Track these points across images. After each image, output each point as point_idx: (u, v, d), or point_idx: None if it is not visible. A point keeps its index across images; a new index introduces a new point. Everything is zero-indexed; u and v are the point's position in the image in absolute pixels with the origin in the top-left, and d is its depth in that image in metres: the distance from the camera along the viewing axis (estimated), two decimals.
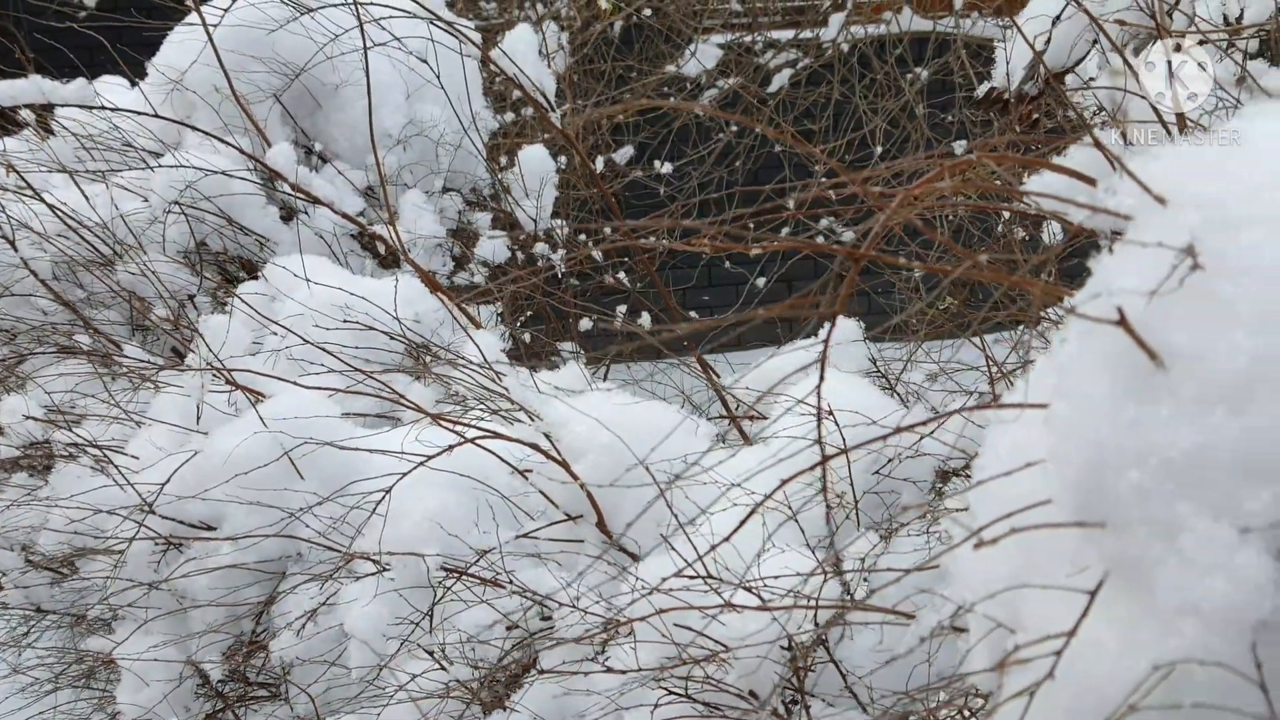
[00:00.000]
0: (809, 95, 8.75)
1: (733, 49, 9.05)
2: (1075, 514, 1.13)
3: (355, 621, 2.50)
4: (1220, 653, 1.03)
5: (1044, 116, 2.60)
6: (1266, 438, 1.03)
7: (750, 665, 2.00)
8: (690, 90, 9.07)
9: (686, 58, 8.94)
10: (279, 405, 2.97)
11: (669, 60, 9.04)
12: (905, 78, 8.55)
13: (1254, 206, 1.11)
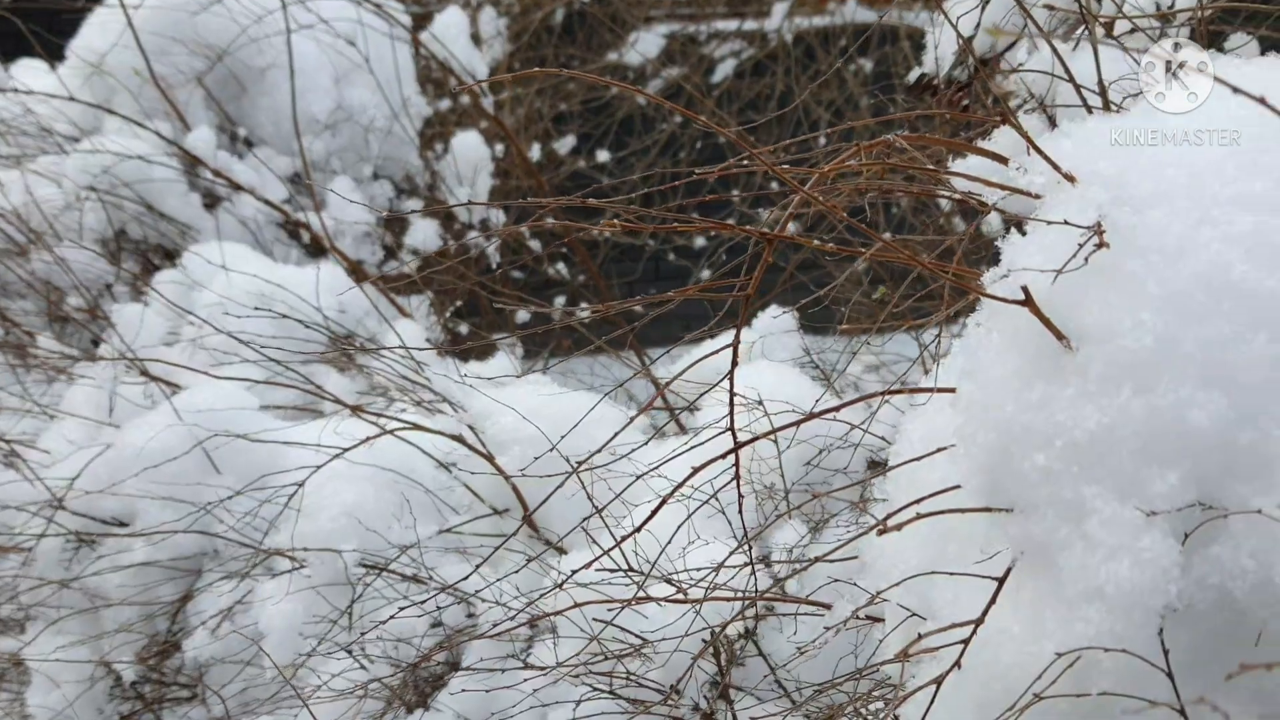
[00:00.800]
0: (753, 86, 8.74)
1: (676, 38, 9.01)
2: (983, 498, 1.10)
3: (270, 620, 2.42)
4: (1126, 639, 1.00)
5: (974, 102, 2.58)
6: (1172, 418, 1.01)
7: (673, 659, 1.96)
8: (633, 79, 9.02)
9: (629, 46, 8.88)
10: (195, 397, 2.88)
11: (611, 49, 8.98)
12: (849, 68, 8.57)
13: (1158, 183, 1.09)
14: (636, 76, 9.56)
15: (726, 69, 9.40)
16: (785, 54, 9.32)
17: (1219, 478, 1.02)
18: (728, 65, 9.45)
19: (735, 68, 9.48)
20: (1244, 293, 1.03)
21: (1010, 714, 1.04)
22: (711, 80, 9.43)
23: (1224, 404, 1.01)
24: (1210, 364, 1.02)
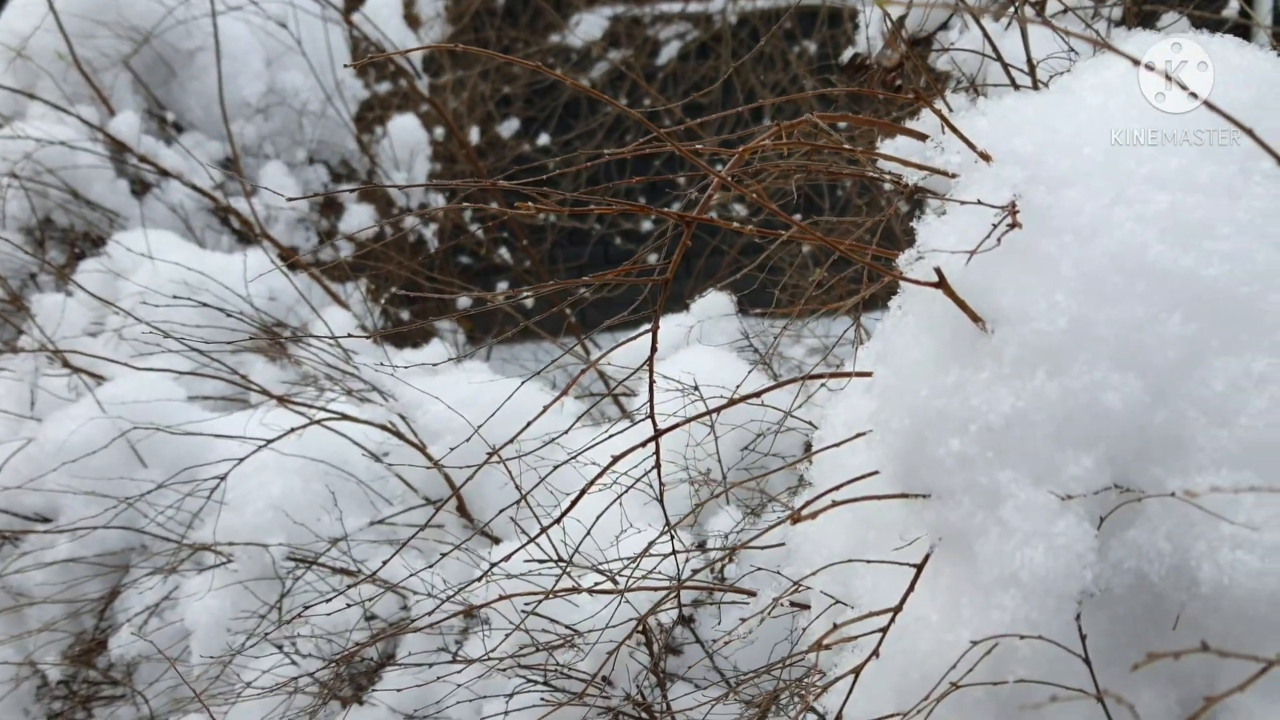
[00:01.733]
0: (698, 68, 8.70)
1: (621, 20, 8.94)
2: (900, 485, 1.08)
3: (196, 616, 2.36)
4: (1042, 626, 0.99)
5: (906, 82, 2.57)
6: (1086, 400, 1.00)
7: (604, 649, 1.94)
8: (577, 62, 8.95)
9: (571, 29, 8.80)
10: (119, 389, 2.80)
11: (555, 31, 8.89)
12: (793, 50, 8.56)
13: (1074, 161, 1.07)
14: (580, 59, 9.49)
15: (671, 51, 9.36)
16: (730, 36, 9.29)
17: (1134, 460, 1.01)
18: (672, 48, 9.41)
19: (680, 50, 9.43)
20: (1158, 273, 1.02)
21: (926, 703, 1.02)
22: (656, 63, 9.38)
23: (1138, 386, 1.00)
24: (1124, 345, 1.00)
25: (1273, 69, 1.15)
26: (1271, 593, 0.95)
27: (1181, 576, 0.99)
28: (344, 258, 3.99)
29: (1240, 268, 1.01)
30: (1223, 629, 0.98)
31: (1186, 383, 1.00)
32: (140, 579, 2.58)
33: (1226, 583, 0.96)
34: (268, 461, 2.46)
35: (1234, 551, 0.96)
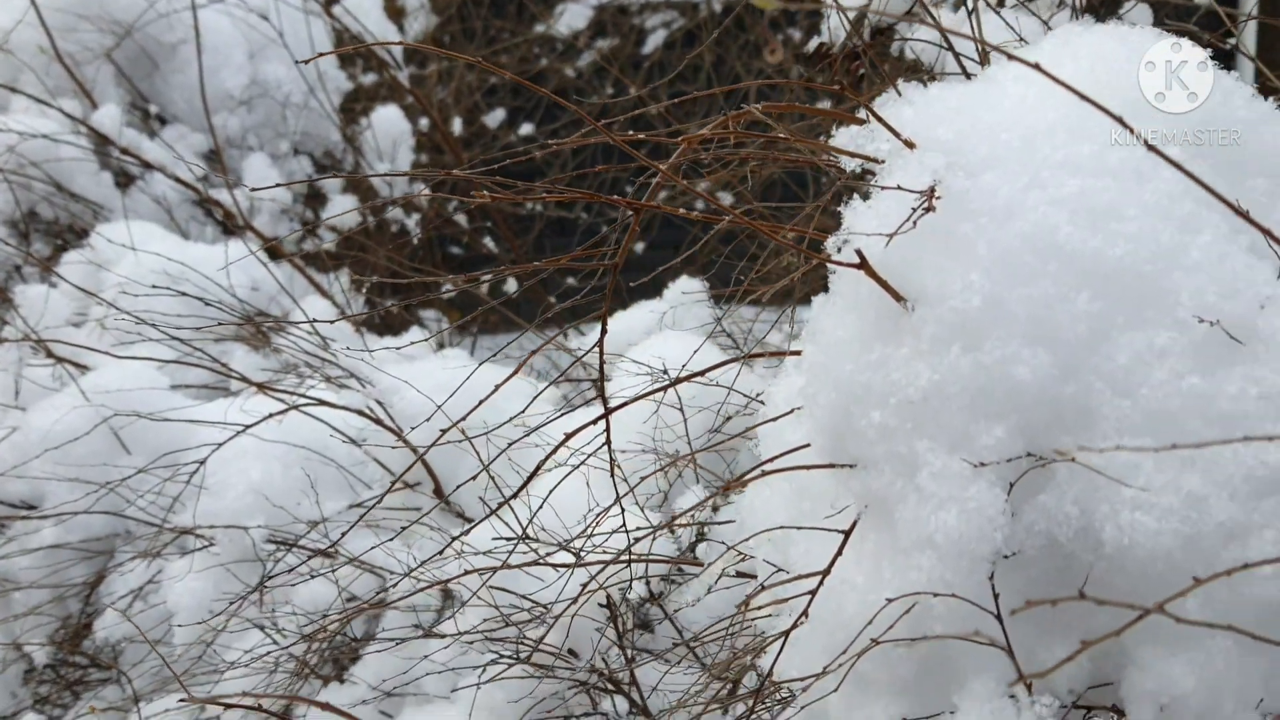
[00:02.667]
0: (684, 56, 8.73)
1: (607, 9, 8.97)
2: (828, 456, 1.15)
3: (179, 598, 2.42)
4: (956, 585, 1.05)
5: (869, 71, 2.62)
6: (998, 374, 1.06)
7: (574, 624, 2.00)
8: (562, 51, 8.98)
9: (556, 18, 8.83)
10: (103, 378, 2.85)
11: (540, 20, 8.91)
12: (777, 37, 8.60)
13: (993, 147, 1.13)
14: (566, 48, 9.52)
15: (657, 40, 9.39)
16: (715, 24, 9.32)
17: (1045, 430, 1.07)
18: (658, 36, 9.44)
19: (665, 38, 9.46)
20: (1068, 253, 1.08)
21: (847, 658, 1.09)
22: (642, 51, 9.41)
23: (1048, 360, 1.06)
24: (1035, 322, 1.06)
25: None
26: (1168, 551, 1.01)
27: (1088, 538, 1.06)
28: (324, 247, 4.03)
29: (1144, 247, 1.07)
30: (1128, 587, 1.04)
31: (1093, 357, 1.06)
32: (125, 563, 2.64)
33: (1127, 543, 1.02)
34: (249, 448, 2.51)
35: (1133, 513, 1.02)
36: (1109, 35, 1.23)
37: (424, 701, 2.40)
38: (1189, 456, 1.02)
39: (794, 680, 1.18)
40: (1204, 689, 1.02)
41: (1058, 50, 1.23)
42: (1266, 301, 1.08)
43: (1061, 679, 1.11)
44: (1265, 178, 1.21)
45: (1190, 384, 1.03)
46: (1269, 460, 1.02)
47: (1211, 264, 1.06)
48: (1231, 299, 1.06)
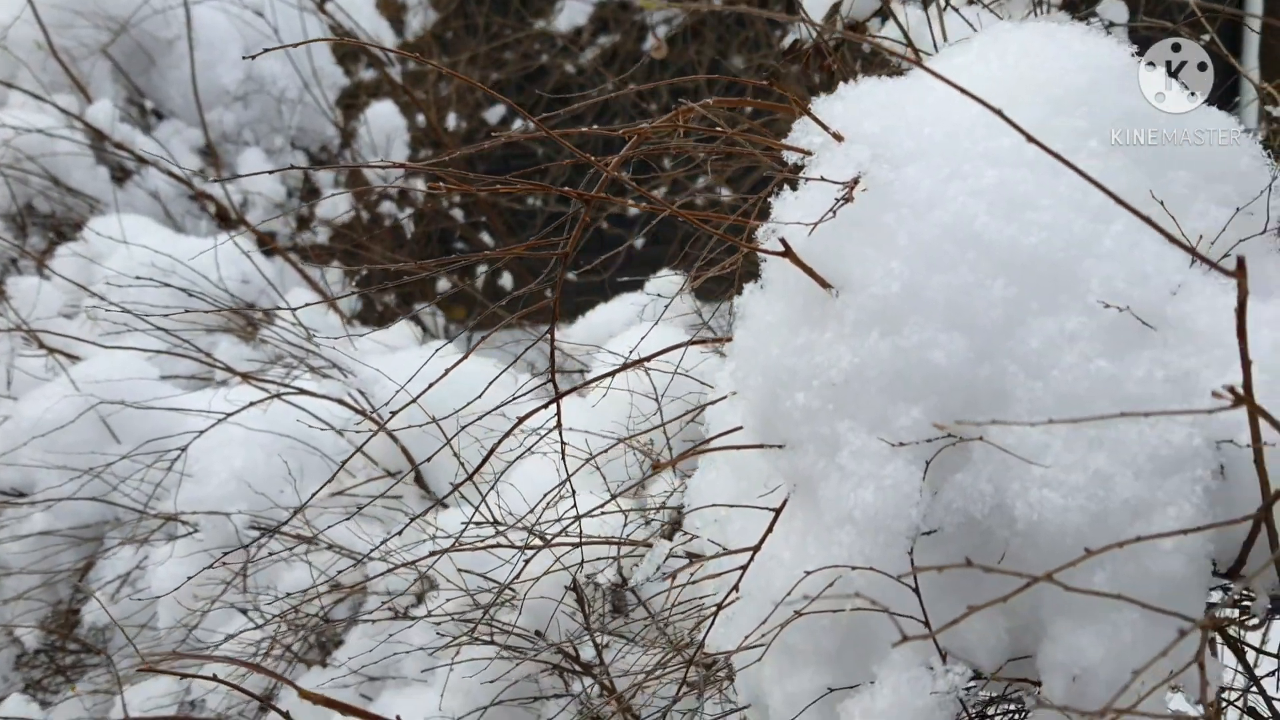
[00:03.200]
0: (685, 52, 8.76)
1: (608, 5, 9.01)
2: (758, 437, 1.19)
3: (163, 583, 2.47)
4: (875, 559, 1.10)
5: (842, 66, 2.66)
6: (916, 359, 1.10)
7: (540, 607, 2.05)
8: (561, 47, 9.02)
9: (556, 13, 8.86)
10: (93, 368, 2.91)
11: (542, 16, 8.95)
12: (775, 33, 8.62)
13: (917, 141, 1.17)
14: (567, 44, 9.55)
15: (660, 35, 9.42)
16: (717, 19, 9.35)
17: (963, 411, 1.11)
18: (660, 32, 9.47)
19: (666, 34, 9.49)
20: (985, 242, 1.12)
21: (770, 630, 1.13)
22: (643, 47, 9.45)
23: (964, 344, 1.10)
24: (953, 308, 1.11)
25: (1109, 54, 1.25)
26: (1076, 527, 1.06)
27: (1003, 515, 1.10)
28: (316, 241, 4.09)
29: (1058, 236, 1.12)
30: (1040, 562, 1.09)
31: (1008, 341, 1.10)
32: (113, 549, 2.69)
33: (1037, 519, 1.07)
34: (233, 436, 2.57)
35: (1042, 491, 1.06)
36: (1037, 32, 1.27)
37: (403, 684, 2.45)
38: (1097, 437, 1.06)
39: (726, 652, 1.22)
40: (1112, 660, 1.07)
41: (987, 48, 1.27)
42: (1178, 288, 1.12)
43: (982, 651, 1.15)
44: (1188, 170, 1.25)
45: (1098, 367, 1.07)
46: (1172, 440, 1.06)
47: (1123, 252, 1.11)
48: (1141, 286, 1.10)
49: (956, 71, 1.26)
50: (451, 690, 2.34)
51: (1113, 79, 1.24)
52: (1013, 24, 1.31)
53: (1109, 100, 1.22)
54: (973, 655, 1.15)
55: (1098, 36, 1.27)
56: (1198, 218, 1.24)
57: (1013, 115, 1.18)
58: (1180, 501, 1.05)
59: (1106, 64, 1.25)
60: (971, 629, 1.14)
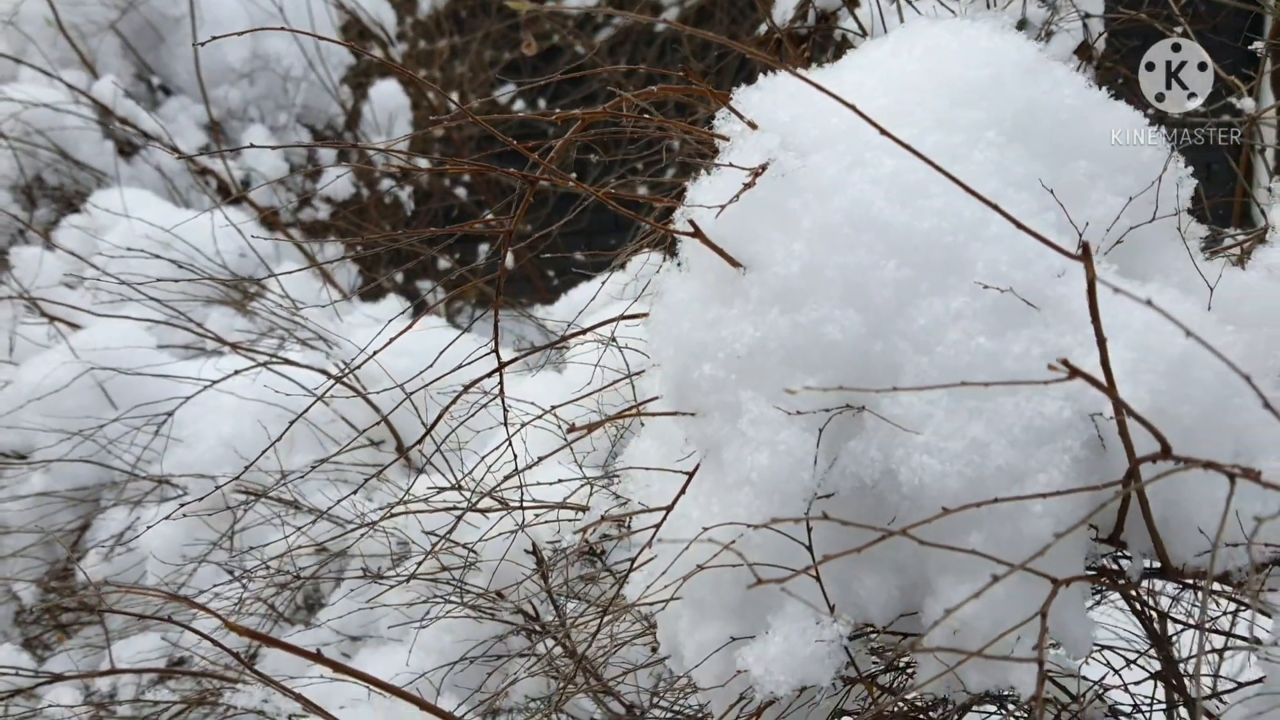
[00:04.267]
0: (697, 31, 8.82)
1: None
2: (673, 405, 1.28)
3: (152, 543, 2.59)
4: (772, 519, 1.18)
5: (817, 53, 2.73)
6: (813, 334, 1.18)
7: (502, 571, 2.14)
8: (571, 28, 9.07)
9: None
10: (93, 337, 3.02)
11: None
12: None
13: (824, 130, 1.25)
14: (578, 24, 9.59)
15: (671, 15, 9.47)
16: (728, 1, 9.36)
17: (858, 383, 1.19)
18: (672, 13, 9.51)
19: (679, 14, 9.53)
20: (881, 226, 1.20)
21: (678, 584, 1.22)
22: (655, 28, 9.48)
23: (858, 321, 1.18)
24: (849, 287, 1.19)
25: (1015, 50, 1.33)
26: (955, 492, 1.14)
27: (890, 480, 1.19)
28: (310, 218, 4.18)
29: (948, 221, 1.20)
30: (928, 524, 1.17)
31: (899, 319, 1.19)
32: (108, 509, 2.81)
33: (919, 483, 1.15)
34: (223, 404, 2.68)
35: (923, 457, 1.15)
36: (946, 29, 1.35)
37: (379, 643, 2.56)
38: (976, 408, 1.15)
39: (639, 604, 1.32)
40: (987, 615, 1.15)
41: (900, 43, 1.35)
42: (1063, 272, 1.20)
43: (874, 607, 1.24)
44: (1088, 160, 1.33)
45: (979, 344, 1.16)
46: (1045, 412, 1.14)
47: (1009, 237, 1.19)
48: (1024, 268, 1.18)
49: (870, 65, 1.35)
50: (425, 649, 2.45)
51: (1016, 73, 1.31)
52: (926, 21, 1.38)
53: (1011, 93, 1.30)
54: (865, 610, 1.24)
55: (1006, 33, 1.34)
56: (1095, 206, 1.31)
57: (916, 107, 1.26)
58: (1050, 469, 1.13)
59: (1012, 59, 1.32)
60: (864, 586, 1.23)
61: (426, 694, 2.26)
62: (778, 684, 1.17)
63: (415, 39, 7.04)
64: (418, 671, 2.33)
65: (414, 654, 2.45)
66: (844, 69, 1.34)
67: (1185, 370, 1.18)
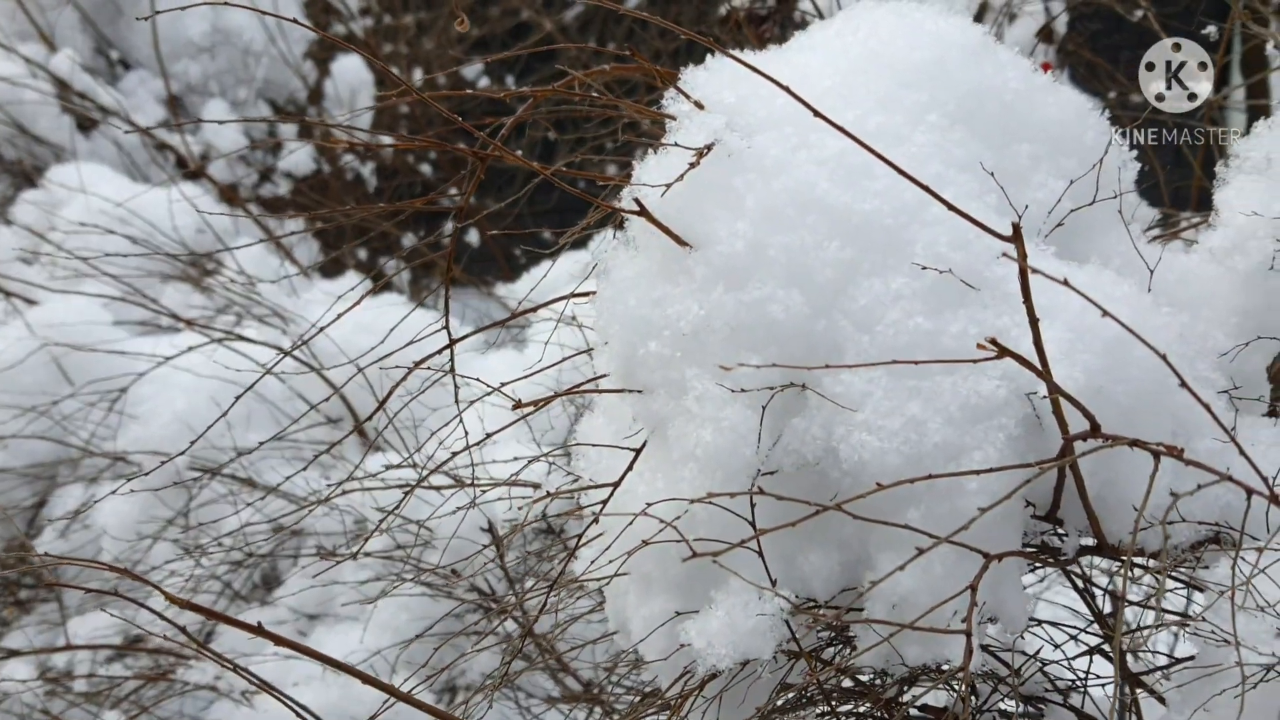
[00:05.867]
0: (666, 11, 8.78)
1: None
2: (620, 382, 1.29)
3: (107, 520, 2.58)
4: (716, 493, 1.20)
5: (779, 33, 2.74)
6: (757, 312, 1.20)
7: (457, 548, 2.15)
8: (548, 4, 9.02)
9: None
10: (48, 313, 3.00)
11: None
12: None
13: (770, 111, 1.26)
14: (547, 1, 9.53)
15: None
16: None
17: (801, 360, 1.20)
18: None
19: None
20: (825, 207, 1.21)
21: (624, 559, 1.24)
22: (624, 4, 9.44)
23: (801, 300, 1.20)
24: (792, 266, 1.20)
25: (959, 34, 1.34)
26: (895, 468, 1.16)
27: (832, 457, 1.20)
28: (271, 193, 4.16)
29: (889, 204, 1.21)
30: (869, 500, 1.19)
31: (841, 298, 1.20)
32: (64, 485, 2.79)
33: (859, 460, 1.17)
34: (178, 381, 2.66)
35: (863, 435, 1.17)
36: (890, 12, 1.36)
37: (335, 621, 2.57)
38: (914, 386, 1.16)
39: (586, 579, 1.33)
40: (925, 590, 1.17)
41: (844, 25, 1.36)
42: (1002, 253, 1.22)
43: (817, 581, 1.26)
44: (1030, 144, 1.34)
45: (918, 323, 1.17)
46: (981, 390, 1.16)
47: (949, 219, 1.20)
48: (963, 249, 1.20)
49: (816, 47, 1.36)
50: (381, 626, 2.46)
51: (961, 56, 1.33)
52: (871, 3, 1.39)
53: (955, 76, 1.31)
54: (808, 585, 1.26)
55: (950, 17, 1.36)
56: (1038, 189, 1.33)
57: (860, 89, 1.27)
58: (986, 446, 1.15)
59: (956, 42, 1.33)
60: (807, 561, 1.25)
61: (381, 671, 2.27)
62: (719, 657, 1.18)
63: (380, 13, 6.97)
64: (373, 649, 2.34)
65: (369, 632, 2.46)
66: (791, 50, 1.35)
67: (1123, 351, 1.20)
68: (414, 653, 2.33)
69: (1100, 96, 4.00)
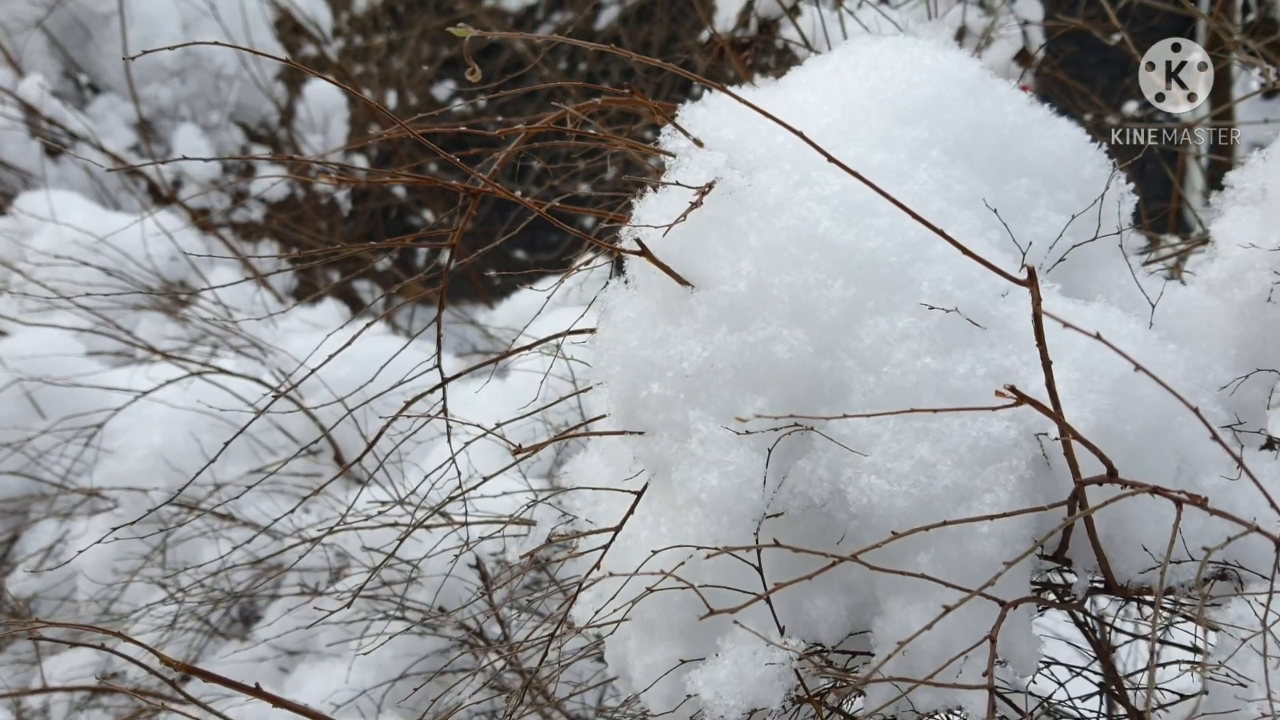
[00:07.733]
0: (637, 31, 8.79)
1: None
2: (621, 423, 1.26)
3: (82, 557, 2.52)
4: (721, 540, 1.17)
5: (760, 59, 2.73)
6: (761, 353, 1.18)
7: (445, 586, 2.11)
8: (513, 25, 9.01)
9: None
10: (18, 345, 2.93)
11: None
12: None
13: (770, 148, 1.24)
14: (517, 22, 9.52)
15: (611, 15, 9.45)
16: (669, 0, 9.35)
17: (807, 401, 1.19)
18: (612, 11, 9.48)
19: (619, 14, 9.50)
20: (827, 245, 1.20)
21: (627, 606, 1.21)
22: (595, 26, 9.45)
23: (805, 339, 1.18)
24: (796, 305, 1.18)
25: (957, 69, 1.33)
26: (903, 511, 1.14)
27: (839, 499, 1.18)
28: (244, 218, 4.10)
29: (893, 241, 1.19)
30: (873, 543, 1.17)
31: (846, 337, 1.18)
32: (37, 522, 2.73)
33: (867, 503, 1.15)
34: (154, 414, 2.61)
35: (870, 477, 1.14)
36: (889, 46, 1.35)
37: (318, 658, 2.52)
38: (922, 428, 1.15)
39: (588, 627, 1.30)
40: (936, 634, 1.15)
41: (842, 61, 1.35)
42: (1007, 292, 1.21)
43: (824, 626, 1.24)
44: (1029, 178, 1.33)
45: (925, 363, 1.16)
46: (991, 432, 1.14)
47: (954, 256, 1.18)
48: (968, 287, 1.18)
49: (813, 83, 1.34)
50: (365, 664, 2.41)
51: (959, 91, 1.32)
52: (870, 38, 1.38)
53: (954, 112, 1.30)
54: (815, 631, 1.23)
55: (949, 51, 1.35)
56: (1037, 223, 1.32)
57: (861, 125, 1.25)
58: (996, 489, 1.14)
59: (955, 77, 1.32)
60: (814, 606, 1.22)
61: (367, 711, 2.23)
62: (728, 708, 1.16)
63: (351, 35, 6.93)
64: (358, 688, 2.29)
65: (354, 670, 2.41)
66: (788, 86, 1.33)
67: (1129, 388, 1.19)
68: (401, 690, 2.28)
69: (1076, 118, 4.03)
